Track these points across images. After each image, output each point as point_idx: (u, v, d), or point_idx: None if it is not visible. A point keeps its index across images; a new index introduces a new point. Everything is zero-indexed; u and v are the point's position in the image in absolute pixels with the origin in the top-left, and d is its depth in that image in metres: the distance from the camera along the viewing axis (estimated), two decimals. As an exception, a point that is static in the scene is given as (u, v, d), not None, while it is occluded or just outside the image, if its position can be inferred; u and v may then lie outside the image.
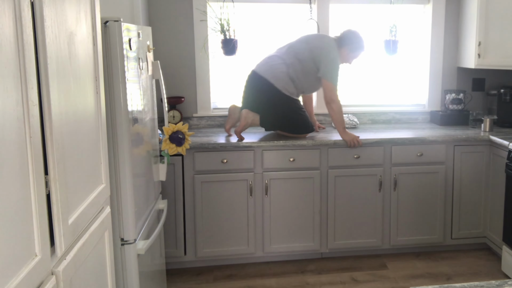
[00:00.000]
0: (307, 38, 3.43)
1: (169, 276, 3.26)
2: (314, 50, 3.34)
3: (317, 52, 3.33)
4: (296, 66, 3.33)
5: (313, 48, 3.34)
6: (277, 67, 3.32)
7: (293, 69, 3.32)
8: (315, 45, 3.36)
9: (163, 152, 2.79)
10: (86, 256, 1.59)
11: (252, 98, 3.39)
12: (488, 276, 3.27)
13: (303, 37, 3.47)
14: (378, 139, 3.39)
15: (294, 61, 3.33)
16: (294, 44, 3.42)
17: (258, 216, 3.36)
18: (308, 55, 3.33)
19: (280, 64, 3.33)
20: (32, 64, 1.21)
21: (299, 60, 3.33)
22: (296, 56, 3.34)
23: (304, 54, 3.34)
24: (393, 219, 3.50)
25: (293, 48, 3.38)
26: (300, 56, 3.34)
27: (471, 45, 3.76)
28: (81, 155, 1.58)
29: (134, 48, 2.30)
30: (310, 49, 3.34)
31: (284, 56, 3.36)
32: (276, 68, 3.32)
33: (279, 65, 3.33)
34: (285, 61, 3.34)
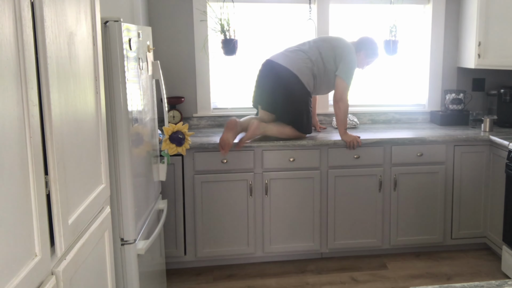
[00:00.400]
0: (328, 38, 3.46)
1: (169, 276, 3.26)
2: (337, 50, 3.35)
3: (339, 51, 3.35)
4: (319, 64, 3.33)
5: (336, 48, 3.36)
6: (302, 61, 3.31)
7: (317, 67, 3.33)
8: (337, 45, 3.38)
9: (163, 152, 2.79)
10: (86, 256, 1.59)
11: (270, 85, 3.31)
12: (488, 276, 3.27)
13: (322, 37, 3.52)
14: (378, 139, 3.39)
15: (318, 59, 3.33)
16: (316, 42, 3.42)
17: (258, 216, 3.36)
18: (331, 54, 3.35)
19: (306, 59, 3.32)
20: (32, 64, 1.21)
21: (322, 58, 3.34)
22: (320, 54, 3.34)
23: (327, 52, 3.35)
24: (393, 219, 3.50)
25: (317, 45, 3.38)
26: (324, 55, 3.34)
27: (471, 45, 3.76)
28: (81, 155, 1.58)
29: (134, 48, 2.30)
30: (333, 48, 3.36)
31: (309, 52, 3.35)
32: (301, 62, 3.30)
33: (305, 59, 3.31)
34: (310, 57, 3.33)
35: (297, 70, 3.28)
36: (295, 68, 3.28)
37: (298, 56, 3.32)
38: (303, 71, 3.29)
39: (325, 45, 3.38)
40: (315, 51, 3.35)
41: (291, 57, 3.31)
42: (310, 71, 3.31)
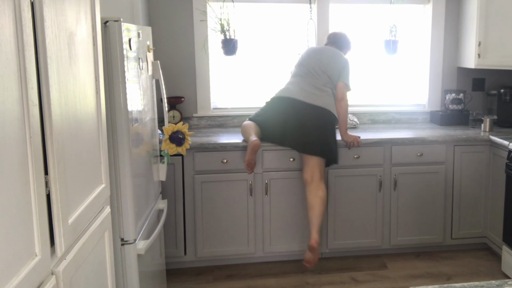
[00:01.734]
0: (321, 55, 3.38)
1: (169, 276, 3.25)
2: (339, 65, 3.34)
3: (341, 66, 3.33)
4: (332, 85, 3.33)
5: (337, 64, 3.34)
6: (327, 94, 3.27)
7: (331, 89, 3.31)
8: (336, 61, 3.35)
9: (163, 152, 2.79)
10: (86, 256, 1.59)
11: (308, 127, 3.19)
12: (488, 276, 3.27)
13: (315, 55, 3.40)
14: (378, 139, 3.39)
15: (331, 83, 3.32)
16: (320, 65, 3.33)
17: (258, 216, 3.36)
18: (336, 72, 3.32)
19: (328, 90, 3.29)
20: (32, 64, 1.21)
21: (331, 79, 3.31)
22: (330, 78, 3.32)
23: (333, 71, 3.32)
24: (393, 219, 3.50)
25: (323, 69, 3.32)
26: (332, 76, 3.32)
27: (471, 45, 3.76)
28: (81, 155, 1.58)
29: (134, 48, 2.30)
30: (336, 66, 3.33)
31: (324, 80, 3.30)
32: (326, 95, 3.26)
33: (327, 91, 3.28)
34: (328, 85, 3.30)
35: (327, 105, 3.24)
36: (328, 105, 3.24)
37: (321, 93, 3.26)
38: (331, 103, 3.27)
39: (330, 65, 3.32)
40: (324, 77, 3.31)
41: (318, 95, 3.25)
42: (334, 97, 3.31)
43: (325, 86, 3.28)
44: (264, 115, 3.31)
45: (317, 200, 3.15)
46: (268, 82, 3.91)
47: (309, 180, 3.19)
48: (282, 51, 3.87)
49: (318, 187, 3.17)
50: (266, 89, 3.90)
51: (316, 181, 3.18)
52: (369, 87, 4.07)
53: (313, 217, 3.14)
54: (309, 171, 3.19)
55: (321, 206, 3.15)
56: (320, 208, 3.14)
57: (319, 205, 3.14)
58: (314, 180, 3.18)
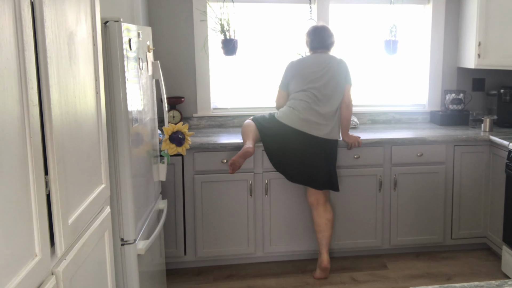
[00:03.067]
0: (322, 75, 3.16)
1: (169, 276, 3.25)
2: (341, 72, 3.20)
3: (342, 72, 3.21)
4: (338, 102, 3.20)
5: (338, 77, 3.19)
6: (332, 120, 3.16)
7: (338, 108, 3.21)
8: (337, 74, 3.19)
9: (163, 152, 2.79)
10: (86, 256, 1.59)
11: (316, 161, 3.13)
12: (488, 276, 3.27)
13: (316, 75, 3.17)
14: (378, 139, 3.39)
15: (337, 100, 3.18)
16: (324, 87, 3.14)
17: (258, 216, 3.36)
18: (342, 82, 3.20)
19: (334, 116, 3.17)
20: (32, 64, 1.21)
21: (339, 92, 3.19)
22: (334, 92, 3.18)
23: (339, 87, 3.18)
24: (393, 219, 3.49)
25: (329, 92, 3.15)
26: (336, 91, 3.18)
27: (471, 45, 3.76)
28: (81, 155, 1.58)
29: (134, 48, 2.30)
30: (339, 74, 3.19)
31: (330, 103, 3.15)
32: (331, 122, 3.15)
33: (333, 117, 3.16)
34: (334, 107, 3.17)
35: (335, 133, 3.18)
36: (333, 134, 3.16)
37: (330, 120, 3.14)
38: (337, 128, 3.20)
39: (335, 81, 3.16)
40: (331, 100, 3.16)
41: (325, 124, 3.12)
42: (338, 121, 3.21)
43: (332, 108, 3.14)
44: (271, 135, 3.17)
45: (326, 223, 3.21)
46: (268, 82, 3.91)
47: (314, 204, 3.23)
48: (282, 51, 3.87)
49: (326, 209, 3.22)
50: (266, 89, 3.91)
51: (322, 204, 3.22)
52: (369, 87, 4.06)
53: (323, 239, 3.21)
54: (314, 196, 3.22)
55: (330, 229, 3.23)
56: (330, 230, 3.22)
57: (329, 228, 3.22)
58: (320, 203, 3.21)
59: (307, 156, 3.11)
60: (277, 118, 3.16)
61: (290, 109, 3.15)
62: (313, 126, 3.09)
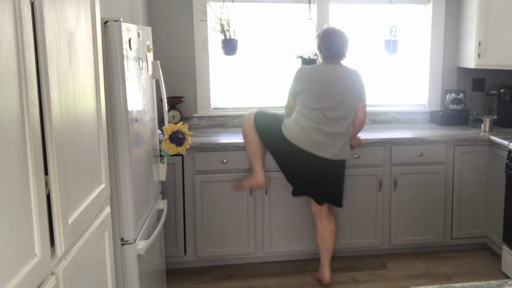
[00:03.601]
0: (338, 81, 2.96)
1: (169, 276, 3.25)
2: (355, 88, 3.00)
3: (359, 89, 3.02)
4: (351, 119, 3.04)
5: (352, 88, 2.99)
6: (346, 141, 3.03)
7: (350, 126, 3.06)
8: (350, 83, 2.99)
9: (163, 152, 2.79)
10: (86, 256, 1.59)
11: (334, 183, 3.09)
12: (488, 276, 3.27)
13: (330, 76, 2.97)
14: (378, 139, 3.39)
15: (349, 118, 3.01)
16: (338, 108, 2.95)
17: (258, 216, 3.36)
18: (357, 98, 3.02)
19: (346, 134, 3.02)
20: (32, 64, 1.21)
21: (352, 110, 3.01)
22: (350, 111, 3.01)
23: (353, 103, 3.00)
24: (393, 219, 3.49)
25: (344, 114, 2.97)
26: (352, 104, 3.00)
27: (471, 45, 3.76)
28: (81, 155, 1.58)
29: (134, 48, 2.30)
30: (353, 90, 3.00)
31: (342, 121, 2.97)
32: (342, 142, 3.00)
33: (345, 137, 3.01)
34: (346, 126, 3.00)
35: (346, 153, 3.05)
36: (344, 154, 3.04)
37: (341, 140, 2.99)
38: (348, 146, 3.08)
39: (346, 100, 2.96)
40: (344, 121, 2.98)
41: (336, 145, 2.97)
42: (348, 135, 3.06)
43: (342, 129, 2.97)
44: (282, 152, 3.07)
45: (330, 234, 3.15)
46: (268, 82, 3.91)
47: (318, 214, 3.17)
48: (282, 51, 3.86)
49: (329, 220, 3.16)
50: (266, 89, 3.91)
51: (326, 214, 3.16)
52: (369, 87, 4.05)
53: (326, 251, 3.15)
54: (318, 206, 3.15)
55: (333, 240, 3.16)
56: (333, 242, 3.16)
57: (332, 239, 3.15)
58: (323, 213, 3.16)
59: (312, 174, 3.01)
60: (285, 135, 2.99)
61: (299, 128, 2.95)
62: (321, 147, 2.94)
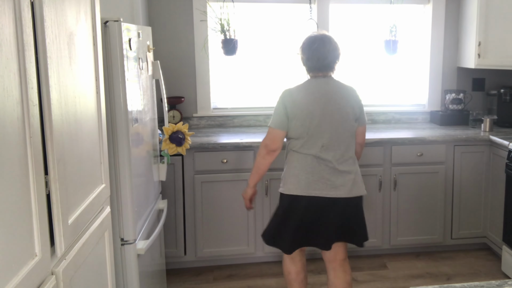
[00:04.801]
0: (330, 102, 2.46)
1: (169, 276, 3.25)
2: (352, 108, 2.51)
3: (356, 108, 2.52)
4: (353, 142, 2.55)
5: (351, 112, 2.50)
6: (356, 171, 2.51)
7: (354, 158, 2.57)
8: (347, 106, 2.49)
9: (163, 152, 2.79)
10: (86, 256, 1.59)
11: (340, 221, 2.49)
12: (488, 276, 3.27)
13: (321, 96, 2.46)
14: (378, 139, 3.39)
15: (351, 142, 2.52)
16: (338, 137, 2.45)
17: (258, 216, 3.36)
18: (356, 123, 2.55)
19: (354, 163, 2.52)
20: (32, 64, 1.21)
21: (351, 133, 2.52)
22: (350, 133, 2.51)
23: (351, 121, 2.50)
24: (393, 219, 3.50)
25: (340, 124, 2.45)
26: (351, 127, 2.51)
27: (471, 45, 3.76)
28: (81, 155, 1.58)
29: (134, 48, 2.30)
30: (350, 110, 2.50)
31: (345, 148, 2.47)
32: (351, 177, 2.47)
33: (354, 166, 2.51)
34: (351, 152, 2.51)
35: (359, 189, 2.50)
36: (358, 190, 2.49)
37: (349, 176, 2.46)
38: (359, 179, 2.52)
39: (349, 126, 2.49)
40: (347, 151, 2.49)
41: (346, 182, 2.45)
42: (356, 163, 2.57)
43: (348, 155, 2.49)
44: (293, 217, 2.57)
45: (346, 287, 2.56)
46: (268, 82, 3.91)
47: (332, 260, 2.57)
48: (282, 51, 3.87)
49: (345, 270, 2.57)
50: (266, 89, 3.91)
51: (340, 261, 2.56)
52: (369, 87, 4.06)
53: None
54: (333, 249, 2.53)
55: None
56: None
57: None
58: (337, 260, 2.57)
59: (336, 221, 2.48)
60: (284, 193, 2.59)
61: (293, 171, 2.57)
62: (335, 188, 2.43)
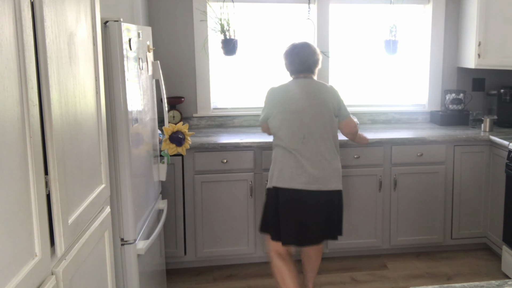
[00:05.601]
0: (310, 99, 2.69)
1: (169, 276, 3.26)
2: (331, 105, 2.71)
3: (336, 105, 2.73)
4: (334, 139, 2.74)
5: (329, 103, 2.70)
6: (335, 166, 2.69)
7: (336, 147, 2.76)
8: (325, 98, 2.70)
9: (163, 152, 2.79)
10: (86, 256, 1.59)
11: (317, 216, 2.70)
12: (488, 276, 3.27)
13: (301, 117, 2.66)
14: (378, 139, 3.39)
15: (330, 138, 2.70)
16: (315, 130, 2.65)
17: (258, 216, 3.36)
18: (336, 117, 2.75)
19: (334, 159, 2.70)
20: (32, 64, 1.21)
21: (332, 128, 2.72)
22: (332, 130, 2.72)
23: (333, 125, 2.72)
24: (393, 219, 3.50)
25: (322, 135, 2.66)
26: (332, 123, 2.72)
27: (471, 45, 3.76)
28: (81, 155, 1.58)
29: (134, 48, 2.30)
30: (329, 107, 2.70)
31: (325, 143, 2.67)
32: (336, 170, 2.70)
33: (334, 161, 2.70)
34: (331, 149, 2.69)
35: (337, 183, 2.71)
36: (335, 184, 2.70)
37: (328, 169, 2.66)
38: (339, 174, 2.72)
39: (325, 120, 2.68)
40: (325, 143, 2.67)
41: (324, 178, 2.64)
42: (337, 159, 2.74)
43: (327, 150, 2.67)
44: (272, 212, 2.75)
45: (317, 253, 2.92)
46: (268, 82, 3.90)
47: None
48: (281, 51, 3.86)
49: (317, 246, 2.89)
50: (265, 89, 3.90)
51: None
52: (369, 87, 4.06)
53: (311, 272, 2.95)
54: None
55: (319, 258, 2.94)
56: (319, 260, 2.94)
57: (318, 258, 2.93)
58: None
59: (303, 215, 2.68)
60: (268, 187, 2.76)
61: (278, 165, 2.70)
62: (313, 180, 2.63)
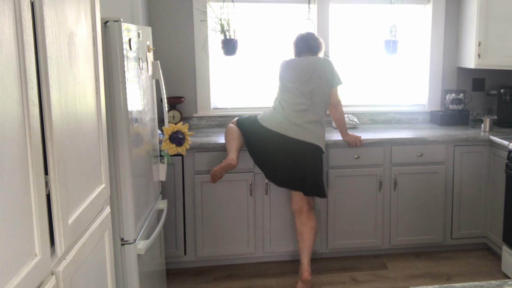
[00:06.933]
0: (305, 77, 3.10)
1: (169, 276, 3.26)
2: (322, 74, 3.12)
3: (324, 73, 3.13)
4: (324, 108, 3.15)
5: (322, 77, 3.12)
6: (316, 126, 3.06)
7: (324, 116, 3.14)
8: (319, 74, 3.11)
9: (163, 152, 2.79)
10: (86, 256, 1.59)
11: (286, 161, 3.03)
12: (488, 276, 3.27)
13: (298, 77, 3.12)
14: (378, 139, 3.39)
15: (322, 105, 3.11)
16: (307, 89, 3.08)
17: (258, 216, 3.36)
18: (328, 84, 3.14)
19: (318, 122, 3.07)
20: (32, 64, 1.21)
21: (324, 97, 3.13)
22: (323, 98, 3.12)
23: (323, 89, 3.12)
24: (393, 219, 3.50)
25: (311, 94, 3.08)
26: (319, 93, 3.11)
27: (471, 45, 3.76)
28: (81, 155, 1.58)
29: (134, 48, 2.30)
30: (320, 76, 3.11)
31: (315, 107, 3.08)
32: (316, 128, 3.06)
33: (318, 124, 3.07)
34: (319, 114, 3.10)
35: (317, 139, 3.05)
36: (318, 139, 3.06)
37: (314, 125, 3.06)
38: (321, 137, 3.09)
39: (317, 83, 3.09)
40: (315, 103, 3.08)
41: (309, 129, 3.03)
42: (323, 129, 3.12)
43: (315, 117, 3.05)
44: (255, 139, 3.13)
45: (309, 231, 3.11)
46: (268, 82, 3.90)
47: (298, 211, 3.15)
48: (282, 51, 3.86)
49: (309, 218, 3.13)
50: (265, 89, 3.90)
51: (305, 212, 3.13)
52: (369, 87, 4.06)
53: (305, 248, 3.10)
54: (297, 203, 3.14)
55: (313, 237, 3.12)
56: (312, 239, 3.12)
57: (311, 236, 3.11)
58: (303, 211, 3.13)
59: (286, 158, 3.02)
60: (259, 121, 3.12)
61: (272, 111, 3.13)
62: (292, 128, 3.01)
